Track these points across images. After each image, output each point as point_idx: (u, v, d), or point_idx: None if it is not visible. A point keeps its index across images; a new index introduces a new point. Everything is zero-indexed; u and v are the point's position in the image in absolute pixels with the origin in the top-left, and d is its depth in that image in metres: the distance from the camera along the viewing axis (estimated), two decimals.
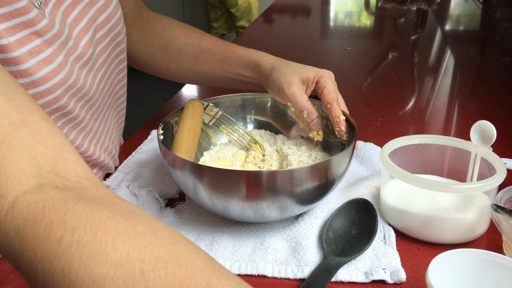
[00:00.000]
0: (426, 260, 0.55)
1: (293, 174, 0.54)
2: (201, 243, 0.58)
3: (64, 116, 0.62)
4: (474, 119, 0.65)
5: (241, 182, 0.54)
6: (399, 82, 1.21)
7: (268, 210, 0.56)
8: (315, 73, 0.67)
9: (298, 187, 0.55)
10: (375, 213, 0.61)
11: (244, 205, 0.56)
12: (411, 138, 0.67)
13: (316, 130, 0.67)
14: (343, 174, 0.60)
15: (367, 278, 0.53)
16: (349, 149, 0.59)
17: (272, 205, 0.56)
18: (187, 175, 0.56)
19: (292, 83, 0.67)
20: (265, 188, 0.54)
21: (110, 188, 0.70)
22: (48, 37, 0.56)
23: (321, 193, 0.59)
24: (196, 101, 0.70)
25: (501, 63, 1.44)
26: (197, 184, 0.56)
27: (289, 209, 0.57)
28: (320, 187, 0.57)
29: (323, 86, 0.66)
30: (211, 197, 0.56)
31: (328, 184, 0.58)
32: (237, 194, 0.55)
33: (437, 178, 0.68)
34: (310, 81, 0.67)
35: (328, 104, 0.65)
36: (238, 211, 0.57)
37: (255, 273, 0.54)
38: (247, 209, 0.56)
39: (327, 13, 2.16)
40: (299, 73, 0.67)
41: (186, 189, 0.59)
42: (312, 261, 0.55)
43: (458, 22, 2.00)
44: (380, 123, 0.94)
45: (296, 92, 0.66)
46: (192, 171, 0.56)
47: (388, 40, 1.73)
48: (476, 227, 0.59)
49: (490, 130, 0.62)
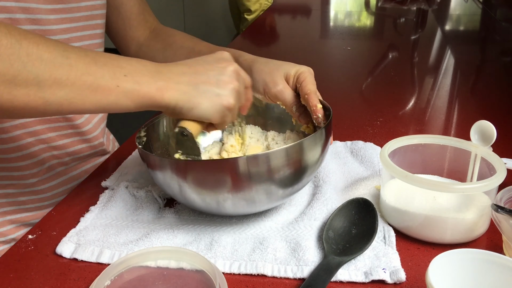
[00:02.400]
0: (426, 260, 0.55)
1: (258, 158, 0.54)
2: (200, 243, 0.58)
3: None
4: (474, 119, 0.65)
5: (215, 170, 0.55)
6: (399, 82, 1.21)
7: (254, 195, 0.57)
8: (296, 70, 0.68)
9: (275, 171, 0.55)
10: (375, 213, 0.61)
11: (228, 196, 0.56)
12: (411, 138, 0.67)
13: (305, 123, 0.68)
14: (321, 156, 0.61)
15: (367, 278, 0.53)
16: (322, 131, 0.59)
17: (254, 192, 0.56)
18: (168, 173, 0.57)
19: (277, 82, 0.67)
20: (239, 174, 0.55)
21: (109, 189, 0.71)
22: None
23: (299, 174, 0.59)
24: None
25: (501, 63, 1.44)
26: (180, 181, 0.57)
27: (274, 193, 0.57)
28: (295, 168, 0.57)
29: (302, 80, 0.67)
30: (194, 192, 0.57)
31: (304, 164, 0.58)
32: (214, 185, 0.55)
33: (437, 178, 0.68)
34: (291, 77, 0.68)
35: (306, 95, 0.66)
36: (218, 201, 0.57)
37: (255, 273, 0.54)
38: (228, 199, 0.56)
39: (327, 13, 2.16)
40: (281, 71, 0.68)
41: (171, 190, 0.59)
42: (312, 261, 0.55)
43: (458, 22, 2.00)
44: (380, 123, 0.94)
45: (283, 90, 0.67)
46: (169, 168, 0.56)
47: (388, 40, 1.73)
48: (476, 227, 0.59)
49: (490, 130, 0.62)
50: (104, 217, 0.64)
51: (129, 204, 0.67)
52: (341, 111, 1.00)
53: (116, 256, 0.56)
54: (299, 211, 0.65)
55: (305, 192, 0.69)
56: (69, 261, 0.57)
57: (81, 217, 0.64)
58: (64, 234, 0.61)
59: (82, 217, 0.64)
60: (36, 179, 0.78)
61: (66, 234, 0.60)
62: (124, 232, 0.61)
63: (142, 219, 0.64)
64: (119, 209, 0.66)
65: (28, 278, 0.54)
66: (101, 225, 0.62)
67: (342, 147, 0.81)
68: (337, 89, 1.17)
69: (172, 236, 0.59)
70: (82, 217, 0.64)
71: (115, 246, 0.58)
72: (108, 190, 0.70)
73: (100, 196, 0.69)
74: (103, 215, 0.65)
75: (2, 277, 0.54)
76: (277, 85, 0.67)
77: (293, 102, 0.67)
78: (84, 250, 0.57)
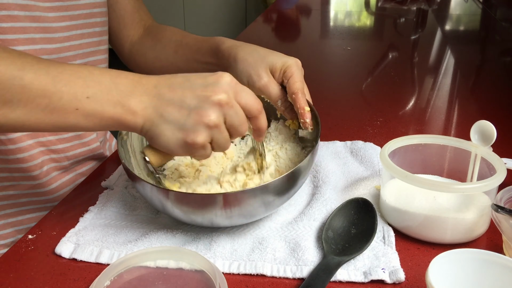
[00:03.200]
0: (426, 260, 0.55)
1: (245, 194, 0.53)
2: (199, 243, 0.58)
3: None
4: (474, 119, 0.65)
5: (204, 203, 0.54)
6: (399, 82, 1.21)
7: (253, 209, 0.56)
8: (282, 63, 0.65)
9: (267, 196, 0.55)
10: (375, 212, 0.61)
11: (218, 214, 0.55)
12: (411, 138, 0.66)
13: (291, 118, 0.66)
14: (306, 175, 0.61)
15: (366, 278, 0.53)
16: (309, 159, 0.58)
17: (249, 208, 0.55)
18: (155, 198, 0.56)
19: (261, 75, 0.64)
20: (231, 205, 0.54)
21: (108, 189, 0.71)
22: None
23: (288, 194, 0.59)
24: None
25: (501, 63, 1.44)
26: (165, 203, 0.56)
27: (270, 203, 0.57)
28: (285, 193, 0.58)
29: (289, 75, 0.64)
30: (184, 214, 0.57)
31: (290, 190, 0.59)
32: (205, 212, 0.55)
33: (437, 178, 0.68)
34: (278, 71, 0.65)
35: (293, 94, 0.63)
36: (213, 222, 0.57)
37: (254, 273, 0.54)
38: (221, 218, 0.56)
39: (327, 13, 2.16)
40: (266, 62, 0.65)
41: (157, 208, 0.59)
42: (311, 261, 0.55)
43: (458, 22, 2.00)
44: (380, 123, 0.93)
45: (267, 84, 0.64)
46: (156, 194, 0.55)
47: (388, 40, 1.73)
48: (476, 227, 0.59)
49: (490, 130, 0.62)
50: (104, 217, 0.64)
51: (128, 204, 0.67)
52: (341, 111, 1.00)
53: (115, 256, 0.56)
54: (298, 211, 0.65)
55: (305, 192, 0.69)
56: (69, 261, 0.57)
57: (80, 217, 0.64)
58: (64, 234, 0.60)
59: (81, 217, 0.64)
60: (36, 182, 0.78)
61: (65, 234, 0.60)
62: (123, 232, 0.60)
63: (141, 219, 0.64)
64: (118, 209, 0.66)
65: (28, 278, 0.54)
66: (100, 225, 0.62)
67: (342, 147, 0.81)
68: (337, 89, 1.17)
69: (171, 236, 0.59)
70: (81, 217, 0.64)
71: (114, 246, 0.58)
72: (108, 190, 0.70)
73: (99, 196, 0.69)
74: (102, 215, 0.64)
75: (2, 277, 0.54)
76: (261, 78, 0.64)
77: (278, 97, 0.64)
78: (83, 250, 0.57)
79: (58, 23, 0.73)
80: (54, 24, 0.73)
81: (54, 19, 0.73)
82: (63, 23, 0.74)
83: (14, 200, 0.78)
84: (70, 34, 0.76)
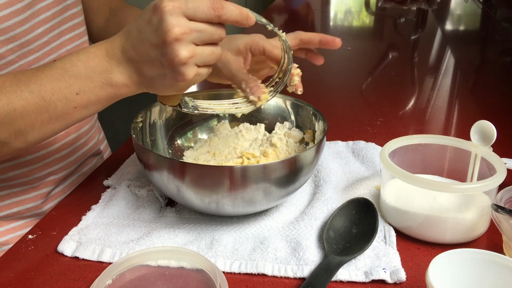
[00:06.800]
0: (426, 260, 0.55)
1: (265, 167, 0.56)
2: (201, 242, 0.58)
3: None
4: (474, 119, 0.65)
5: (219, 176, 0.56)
6: (399, 82, 1.21)
7: (253, 196, 0.57)
8: (245, 43, 0.64)
9: (271, 175, 0.56)
10: (376, 212, 0.61)
11: (226, 197, 0.57)
12: (411, 138, 0.67)
13: (257, 95, 0.61)
14: (314, 162, 0.61)
15: (367, 277, 0.53)
16: (316, 147, 0.60)
17: (252, 194, 0.57)
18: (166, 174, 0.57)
19: (228, 63, 0.64)
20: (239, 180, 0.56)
21: (111, 188, 0.71)
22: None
23: (295, 175, 0.59)
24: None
25: (501, 63, 1.44)
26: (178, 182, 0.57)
27: (272, 193, 0.58)
28: (291, 170, 0.58)
29: (261, 49, 0.63)
30: (194, 193, 0.57)
31: (297, 173, 0.59)
32: (217, 188, 0.56)
33: (437, 178, 0.68)
34: (243, 53, 0.64)
35: (300, 40, 0.64)
36: (218, 202, 0.58)
37: (255, 272, 0.54)
38: (227, 200, 0.57)
39: (327, 13, 2.16)
40: (228, 49, 0.64)
41: (168, 191, 0.60)
42: (312, 261, 0.55)
43: (458, 22, 2.00)
44: (380, 123, 0.94)
45: (234, 72, 0.63)
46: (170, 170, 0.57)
47: (388, 40, 1.73)
48: (476, 227, 0.59)
49: (490, 130, 0.62)
50: (106, 216, 0.64)
51: (131, 203, 0.67)
52: (341, 111, 1.00)
53: (117, 255, 0.57)
54: (299, 211, 0.65)
55: (306, 191, 0.69)
56: (69, 261, 0.57)
57: (83, 216, 0.64)
58: (64, 234, 0.61)
59: (84, 216, 0.64)
60: (39, 183, 0.78)
61: (67, 233, 0.61)
62: (126, 231, 0.61)
63: (144, 218, 0.64)
64: (120, 208, 0.66)
65: (28, 278, 0.54)
66: (102, 224, 0.62)
67: (343, 147, 0.81)
68: (337, 89, 1.17)
69: (173, 235, 0.60)
70: (84, 216, 0.64)
71: (116, 245, 0.58)
72: (110, 189, 0.71)
73: (102, 195, 0.69)
74: (104, 214, 0.65)
75: (2, 277, 0.54)
76: (225, 66, 0.64)
77: (242, 80, 0.61)
78: (86, 248, 0.57)
79: (33, 33, 0.68)
80: (29, 36, 0.67)
81: (26, 31, 0.66)
82: (39, 30, 0.68)
83: (18, 198, 0.76)
84: (47, 38, 0.70)
